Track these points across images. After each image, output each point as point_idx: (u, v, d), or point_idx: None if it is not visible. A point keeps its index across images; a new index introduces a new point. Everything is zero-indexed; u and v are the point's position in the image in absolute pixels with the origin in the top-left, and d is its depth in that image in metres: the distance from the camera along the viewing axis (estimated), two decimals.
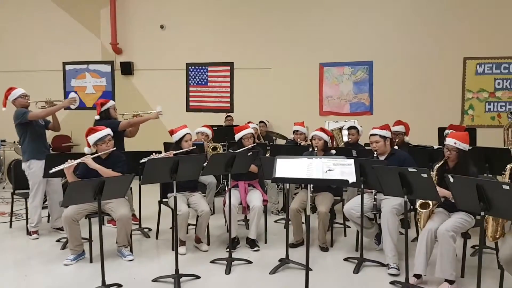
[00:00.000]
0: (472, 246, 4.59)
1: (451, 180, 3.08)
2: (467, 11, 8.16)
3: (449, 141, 3.85)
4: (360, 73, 8.78)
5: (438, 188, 3.56)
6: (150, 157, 4.38)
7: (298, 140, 6.38)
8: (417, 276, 3.81)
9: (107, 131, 4.60)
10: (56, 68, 9.92)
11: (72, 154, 5.85)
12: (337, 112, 8.89)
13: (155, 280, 3.91)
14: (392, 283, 3.85)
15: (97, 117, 5.64)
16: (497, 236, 3.40)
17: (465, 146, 3.82)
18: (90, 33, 9.77)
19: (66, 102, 5.36)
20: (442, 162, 3.92)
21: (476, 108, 8.33)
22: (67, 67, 9.97)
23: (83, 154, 4.52)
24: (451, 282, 3.65)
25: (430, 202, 3.82)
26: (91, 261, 4.39)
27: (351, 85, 8.85)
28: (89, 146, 4.58)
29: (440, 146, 5.57)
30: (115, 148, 4.65)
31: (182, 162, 3.83)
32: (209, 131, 6.62)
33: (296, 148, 6.05)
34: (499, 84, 8.23)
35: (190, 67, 9.53)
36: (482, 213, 2.93)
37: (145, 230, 5.42)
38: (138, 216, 5.55)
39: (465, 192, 3.02)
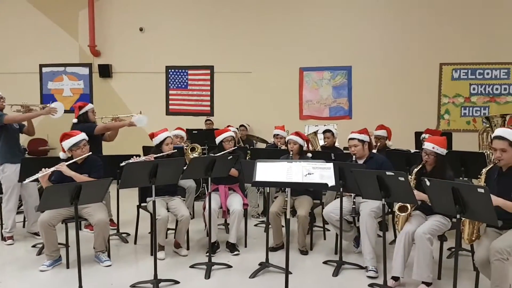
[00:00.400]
0: (448, 248, 4.66)
1: (427, 183, 3.13)
2: (443, 18, 8.34)
3: (427, 145, 3.90)
4: (339, 77, 8.87)
5: (415, 191, 3.61)
6: (129, 161, 4.33)
7: (279, 144, 6.39)
8: (395, 278, 3.86)
9: (82, 136, 4.49)
10: (33, 70, 9.73)
11: (48, 159, 5.74)
12: (316, 116, 8.96)
13: (133, 286, 3.86)
14: (370, 285, 3.88)
15: (75, 120, 5.54)
16: (473, 238, 3.46)
17: (443, 151, 3.89)
18: (68, 35, 9.62)
19: (46, 111, 5.25)
20: (420, 166, 3.98)
21: (452, 112, 8.50)
22: (44, 69, 9.80)
23: (59, 159, 4.43)
24: (428, 284, 3.70)
25: (408, 205, 3.87)
26: (68, 267, 4.31)
27: (330, 89, 8.93)
28: (64, 151, 4.48)
29: (417, 150, 5.66)
30: (90, 153, 4.52)
31: (161, 166, 3.80)
32: (183, 133, 6.58)
33: (277, 152, 6.05)
34: (474, 89, 8.41)
35: (169, 70, 9.47)
36: (458, 216, 2.97)
37: (123, 235, 5.35)
38: (116, 221, 5.48)
39: (441, 195, 3.06)
